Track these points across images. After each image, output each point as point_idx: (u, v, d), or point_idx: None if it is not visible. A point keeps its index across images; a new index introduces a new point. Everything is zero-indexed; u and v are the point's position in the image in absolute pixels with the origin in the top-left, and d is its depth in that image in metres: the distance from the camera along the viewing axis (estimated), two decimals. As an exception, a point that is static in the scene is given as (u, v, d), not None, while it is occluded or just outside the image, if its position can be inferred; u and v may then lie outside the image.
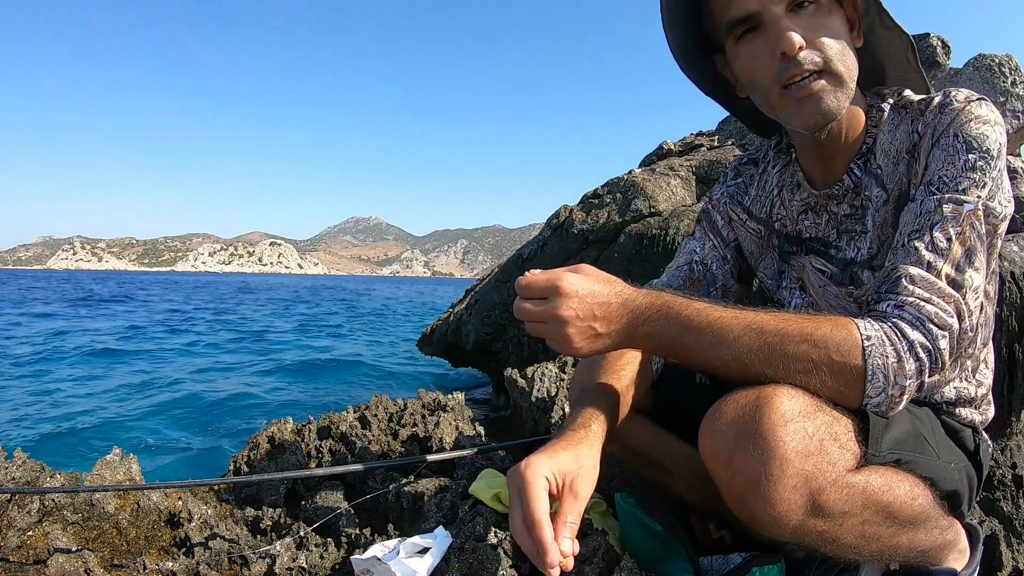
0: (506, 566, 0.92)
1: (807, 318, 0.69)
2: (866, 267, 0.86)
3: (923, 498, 0.72)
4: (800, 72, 0.75)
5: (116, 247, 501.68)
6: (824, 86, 0.76)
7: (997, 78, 4.30)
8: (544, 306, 0.72)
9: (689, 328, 0.71)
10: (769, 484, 0.63)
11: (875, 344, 0.66)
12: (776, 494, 0.63)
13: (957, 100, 0.77)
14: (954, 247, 0.71)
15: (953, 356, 0.70)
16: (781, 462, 0.63)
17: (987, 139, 0.74)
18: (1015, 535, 1.16)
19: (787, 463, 0.63)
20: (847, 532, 0.68)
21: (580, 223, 4.24)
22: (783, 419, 0.64)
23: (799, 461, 0.63)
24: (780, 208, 0.98)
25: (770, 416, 0.64)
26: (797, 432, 0.63)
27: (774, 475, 0.63)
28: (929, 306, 0.69)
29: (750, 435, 0.65)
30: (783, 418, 0.64)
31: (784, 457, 0.63)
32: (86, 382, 6.84)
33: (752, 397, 0.67)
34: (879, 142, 0.85)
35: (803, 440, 0.64)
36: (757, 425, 0.64)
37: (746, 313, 0.70)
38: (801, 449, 0.63)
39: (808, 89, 0.76)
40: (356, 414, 1.81)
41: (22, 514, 1.15)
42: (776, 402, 0.65)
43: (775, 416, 0.64)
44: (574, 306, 0.71)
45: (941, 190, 0.74)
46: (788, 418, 0.64)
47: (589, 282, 0.73)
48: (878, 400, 0.68)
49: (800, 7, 0.75)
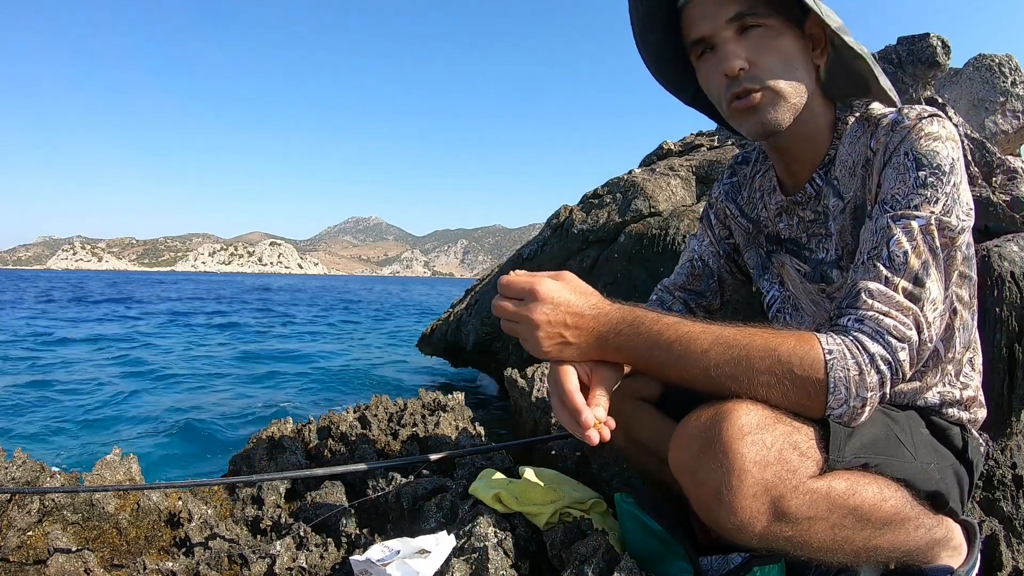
0: (506, 566, 0.92)
1: (772, 333, 0.72)
2: (835, 267, 0.91)
3: (895, 499, 0.74)
4: (741, 90, 0.82)
5: (116, 247, 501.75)
6: (763, 101, 0.83)
7: (997, 78, 4.30)
8: (520, 307, 0.77)
9: (659, 342, 0.74)
10: (730, 494, 0.67)
11: (837, 358, 0.70)
12: (737, 503, 0.67)
13: (908, 118, 0.80)
14: (911, 261, 0.74)
15: (914, 366, 0.73)
16: (740, 473, 0.67)
17: (937, 155, 0.76)
18: (1015, 535, 1.16)
19: (746, 473, 0.67)
20: (817, 536, 0.71)
21: (580, 223, 4.24)
22: (740, 432, 0.68)
23: (757, 471, 0.67)
24: (763, 209, 1.03)
25: (728, 430, 0.68)
26: (755, 444, 0.67)
27: (734, 485, 0.67)
28: (888, 319, 0.72)
29: (710, 448, 0.69)
30: (740, 431, 0.68)
31: (742, 468, 0.67)
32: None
33: (712, 412, 0.71)
34: (839, 153, 0.88)
35: (761, 451, 0.67)
36: (717, 439, 0.68)
37: (714, 327, 0.74)
38: (759, 460, 0.67)
39: (748, 103, 0.83)
40: (356, 414, 1.81)
41: (22, 514, 1.15)
42: (734, 416, 0.69)
43: (733, 430, 0.68)
44: (547, 312, 0.76)
45: (894, 208, 0.77)
46: (746, 431, 0.68)
47: (566, 291, 0.77)
48: (840, 411, 0.71)
49: (748, 29, 0.82)
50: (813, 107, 0.87)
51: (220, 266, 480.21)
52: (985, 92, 4.31)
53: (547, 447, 1.60)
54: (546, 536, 1.02)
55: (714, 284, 1.12)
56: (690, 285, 1.14)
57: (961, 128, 2.73)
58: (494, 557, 0.91)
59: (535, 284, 0.77)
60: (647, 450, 1.02)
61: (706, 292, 1.13)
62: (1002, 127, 4.24)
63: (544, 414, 1.76)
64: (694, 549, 0.89)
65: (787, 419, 0.71)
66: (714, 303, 1.14)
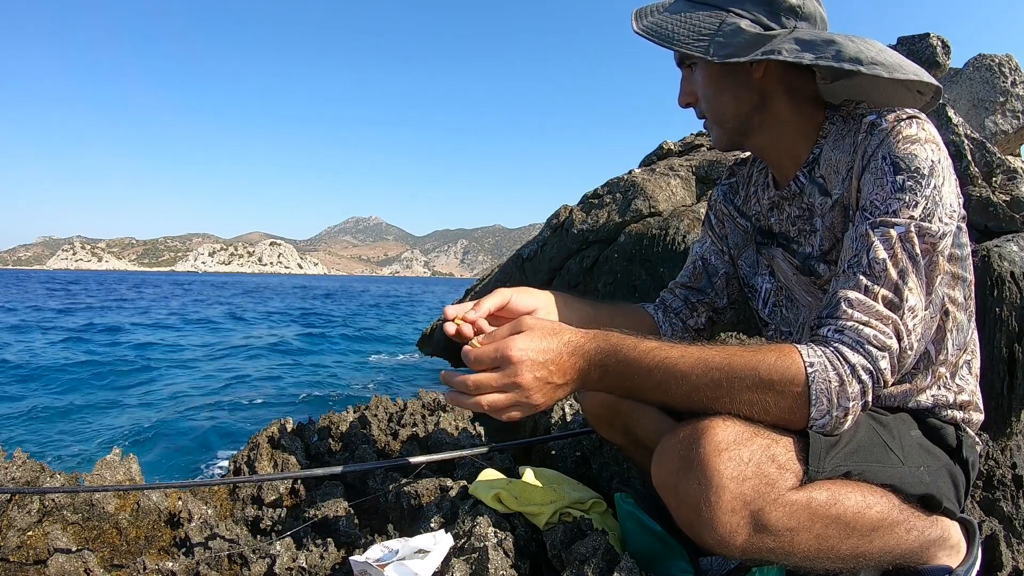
0: (506, 566, 0.92)
1: (752, 350, 0.73)
2: (821, 261, 0.92)
3: (880, 505, 0.74)
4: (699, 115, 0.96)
5: (116, 247, 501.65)
6: (709, 124, 0.95)
7: (997, 78, 4.30)
8: (502, 379, 0.75)
9: (639, 369, 0.75)
10: (708, 509, 0.68)
11: (818, 370, 0.70)
12: (716, 518, 0.68)
13: (886, 120, 0.80)
14: (889, 269, 0.74)
15: (896, 373, 0.74)
16: (717, 488, 0.68)
17: (916, 158, 0.76)
18: (1015, 535, 1.16)
19: (723, 489, 0.68)
20: (801, 546, 0.71)
21: (580, 223, 4.25)
22: (717, 449, 0.69)
23: (735, 486, 0.68)
24: (756, 203, 1.05)
25: (705, 447, 0.69)
26: (731, 459, 0.68)
27: (712, 501, 0.68)
28: (868, 329, 0.72)
29: (689, 466, 0.70)
30: (717, 448, 0.69)
31: (720, 484, 0.68)
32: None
33: (690, 430, 0.72)
34: (824, 153, 0.90)
35: (738, 466, 0.68)
36: (695, 456, 0.70)
37: (693, 349, 0.74)
38: (736, 475, 0.68)
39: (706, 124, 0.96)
40: (356, 414, 1.81)
41: (22, 514, 1.15)
42: (710, 433, 0.70)
43: (710, 446, 0.69)
44: (529, 370, 0.74)
45: (873, 214, 0.78)
46: (723, 447, 0.69)
47: (536, 340, 0.76)
48: (823, 422, 0.72)
49: (691, 66, 0.93)
50: (776, 115, 0.90)
51: (220, 266, 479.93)
52: (985, 92, 4.31)
53: (547, 447, 1.60)
54: (546, 536, 1.02)
55: (718, 282, 1.13)
56: (691, 283, 1.16)
57: (961, 128, 2.73)
58: (494, 557, 0.91)
59: (505, 349, 0.75)
60: (647, 449, 1.02)
61: (707, 290, 1.14)
62: (1002, 127, 4.24)
63: (544, 414, 1.76)
64: (694, 549, 0.89)
65: (765, 432, 0.71)
66: (718, 301, 1.14)
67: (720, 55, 0.83)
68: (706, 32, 0.85)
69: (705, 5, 0.87)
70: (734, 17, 0.85)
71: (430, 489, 1.28)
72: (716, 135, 0.96)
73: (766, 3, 0.85)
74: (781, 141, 0.93)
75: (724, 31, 0.84)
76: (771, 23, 0.84)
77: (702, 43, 0.84)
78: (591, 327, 0.81)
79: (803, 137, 0.92)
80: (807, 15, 0.86)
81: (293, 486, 1.44)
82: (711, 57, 0.83)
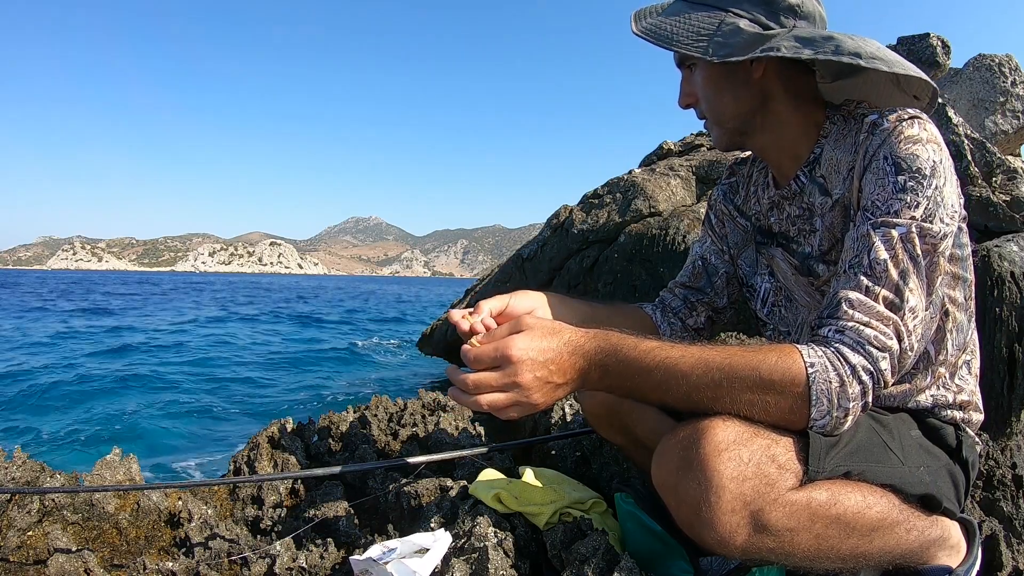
0: (506, 566, 0.92)
1: (752, 350, 0.73)
2: (820, 261, 0.93)
3: (880, 505, 0.74)
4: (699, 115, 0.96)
5: (116, 247, 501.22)
6: (709, 124, 0.95)
7: (997, 78, 4.30)
8: (502, 378, 0.75)
9: (639, 369, 0.74)
10: (708, 509, 0.68)
11: (818, 371, 0.70)
12: (716, 518, 0.68)
13: (888, 120, 0.80)
14: (890, 270, 0.75)
15: (896, 374, 0.74)
16: (717, 489, 0.68)
17: (917, 158, 0.76)
18: (1015, 535, 1.16)
19: (723, 489, 0.68)
20: (801, 546, 0.71)
21: (580, 223, 4.25)
22: (717, 449, 0.69)
23: (735, 486, 0.68)
24: (756, 203, 1.05)
25: (705, 447, 0.69)
26: (731, 459, 0.68)
27: (712, 501, 0.68)
28: (868, 330, 0.73)
29: (689, 465, 0.70)
30: (717, 448, 0.69)
31: (720, 484, 0.68)
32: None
33: (690, 430, 0.72)
34: (824, 152, 0.90)
35: (738, 466, 0.68)
36: (695, 456, 0.70)
37: (693, 349, 0.74)
38: (736, 475, 0.68)
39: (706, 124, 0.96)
40: (356, 414, 1.81)
41: (22, 514, 1.15)
42: (710, 433, 0.70)
43: (709, 447, 0.69)
44: (529, 369, 0.74)
45: (875, 215, 0.78)
46: (722, 447, 0.69)
47: (536, 340, 0.76)
48: (823, 422, 0.72)
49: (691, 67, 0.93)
50: (777, 114, 0.91)
51: (220, 266, 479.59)
52: (985, 92, 4.31)
53: (547, 447, 1.60)
54: (546, 536, 1.02)
55: (718, 282, 1.13)
56: (691, 283, 1.16)
57: (961, 128, 2.73)
58: (494, 557, 0.91)
59: (505, 348, 0.74)
60: (647, 449, 1.02)
61: (707, 289, 1.14)
62: (1002, 127, 4.24)
63: (544, 414, 1.76)
64: (694, 549, 0.89)
65: (765, 432, 0.71)
66: (718, 301, 1.14)
67: (719, 55, 0.83)
68: (705, 32, 0.85)
69: (704, 6, 0.87)
70: (733, 17, 0.85)
71: (430, 489, 1.28)
72: (716, 135, 0.96)
73: (765, 3, 0.85)
74: (782, 141, 0.93)
75: (723, 31, 0.84)
76: (770, 22, 0.85)
77: (701, 43, 0.84)
78: (590, 327, 0.80)
79: (804, 137, 0.92)
80: (806, 14, 0.86)
81: (293, 486, 1.44)
82: (710, 57, 0.83)
